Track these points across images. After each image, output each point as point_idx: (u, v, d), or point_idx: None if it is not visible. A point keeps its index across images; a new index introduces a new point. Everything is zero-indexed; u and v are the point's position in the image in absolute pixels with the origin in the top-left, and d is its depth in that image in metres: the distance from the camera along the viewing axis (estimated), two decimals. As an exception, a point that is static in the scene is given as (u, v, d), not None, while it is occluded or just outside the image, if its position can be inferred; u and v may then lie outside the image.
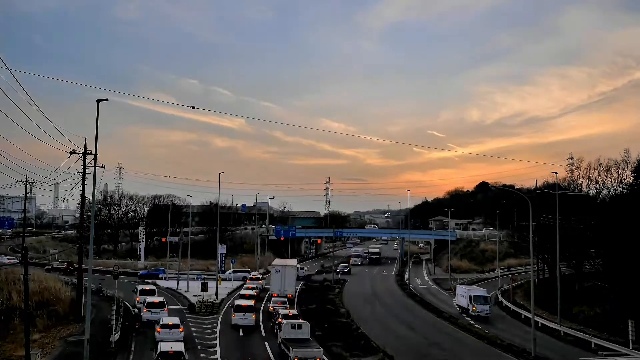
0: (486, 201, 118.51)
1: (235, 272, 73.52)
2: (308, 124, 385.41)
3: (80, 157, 40.07)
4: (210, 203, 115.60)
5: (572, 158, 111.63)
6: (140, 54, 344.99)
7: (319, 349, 30.34)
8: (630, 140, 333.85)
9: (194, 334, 37.75)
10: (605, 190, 57.92)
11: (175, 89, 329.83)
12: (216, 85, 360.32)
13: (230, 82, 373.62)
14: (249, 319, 40.05)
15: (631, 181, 55.71)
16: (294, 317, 37.11)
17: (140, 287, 49.52)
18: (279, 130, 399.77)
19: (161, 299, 43.37)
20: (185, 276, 62.94)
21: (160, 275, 71.85)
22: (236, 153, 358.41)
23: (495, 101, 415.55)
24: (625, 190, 56.43)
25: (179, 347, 28.15)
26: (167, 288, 61.04)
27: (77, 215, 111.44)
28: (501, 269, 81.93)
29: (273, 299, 49.84)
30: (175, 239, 75.25)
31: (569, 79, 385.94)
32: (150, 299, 43.05)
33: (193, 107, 34.62)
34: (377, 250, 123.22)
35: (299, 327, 32.62)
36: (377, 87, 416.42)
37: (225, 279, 67.59)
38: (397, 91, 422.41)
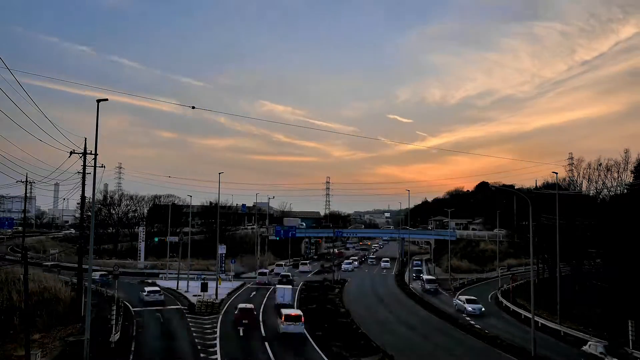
0: (486, 201, 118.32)
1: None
2: (248, 107, 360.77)
3: (80, 157, 40.06)
4: (210, 203, 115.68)
5: (572, 158, 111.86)
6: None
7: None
8: (628, 133, 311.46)
9: (194, 334, 37.73)
10: (605, 190, 57.97)
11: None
12: (117, 55, 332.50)
13: (138, 54, 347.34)
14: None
15: (631, 181, 55.72)
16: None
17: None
18: (223, 116, 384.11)
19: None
20: (185, 276, 62.98)
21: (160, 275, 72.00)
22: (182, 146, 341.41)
23: (456, 74, 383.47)
24: (625, 190, 56.44)
25: None
26: (167, 288, 61.02)
27: (77, 215, 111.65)
28: (501, 269, 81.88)
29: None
30: (175, 239, 75.33)
31: (539, 42, 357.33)
32: None
33: (193, 107, 34.36)
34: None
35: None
36: (316, 61, 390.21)
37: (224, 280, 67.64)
38: (340, 65, 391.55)
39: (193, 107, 35.26)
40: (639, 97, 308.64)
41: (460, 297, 56.76)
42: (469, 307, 51.75)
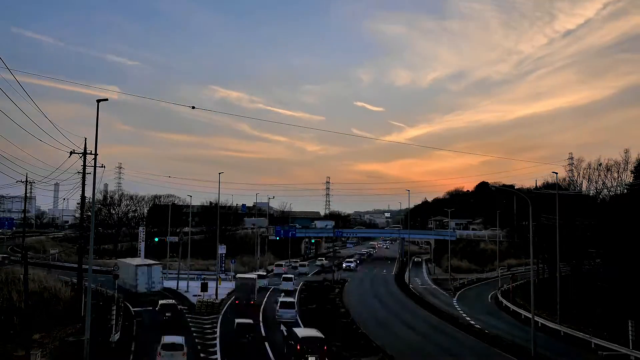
0: (486, 201, 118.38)
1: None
2: (196, 94, 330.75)
3: (80, 157, 40.09)
4: (210, 203, 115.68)
5: (572, 158, 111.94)
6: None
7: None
8: (622, 122, 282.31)
9: (194, 334, 37.74)
10: (605, 190, 57.97)
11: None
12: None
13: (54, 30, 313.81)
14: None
15: (631, 181, 55.71)
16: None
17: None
18: (184, 108, 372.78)
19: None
20: (185, 276, 62.97)
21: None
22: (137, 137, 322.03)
23: (420, 53, 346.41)
24: (625, 190, 56.43)
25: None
26: (167, 288, 61.01)
27: (77, 215, 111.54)
28: (501, 269, 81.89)
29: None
30: (175, 239, 75.30)
31: (511, 6, 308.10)
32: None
33: (193, 107, 34.35)
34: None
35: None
36: (257, 38, 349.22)
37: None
38: (285, 40, 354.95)
39: (193, 107, 35.24)
40: (633, 77, 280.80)
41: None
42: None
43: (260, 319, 44.35)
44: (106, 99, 30.26)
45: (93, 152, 34.64)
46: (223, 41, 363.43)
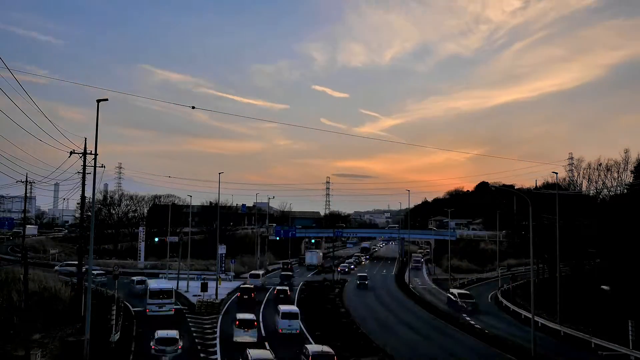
0: (486, 201, 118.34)
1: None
2: (128, 75, 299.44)
3: (80, 157, 40.05)
4: (210, 203, 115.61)
5: (572, 158, 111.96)
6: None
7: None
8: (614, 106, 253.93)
9: (194, 334, 37.73)
10: (605, 190, 57.98)
11: None
12: None
13: None
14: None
15: (631, 181, 55.73)
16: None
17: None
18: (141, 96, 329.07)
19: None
20: (185, 276, 62.93)
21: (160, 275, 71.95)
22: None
23: (370, 23, 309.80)
24: (625, 190, 56.44)
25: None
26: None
27: (77, 215, 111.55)
28: (501, 269, 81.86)
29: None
30: (175, 239, 75.25)
31: None
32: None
33: (193, 107, 34.26)
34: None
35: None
36: (198, 12, 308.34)
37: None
38: (218, 15, 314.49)
39: (193, 107, 35.13)
40: (623, 52, 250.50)
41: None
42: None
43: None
44: (106, 99, 30.20)
45: (93, 152, 34.65)
46: (156, 16, 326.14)
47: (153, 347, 29.46)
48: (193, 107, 34.46)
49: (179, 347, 29.69)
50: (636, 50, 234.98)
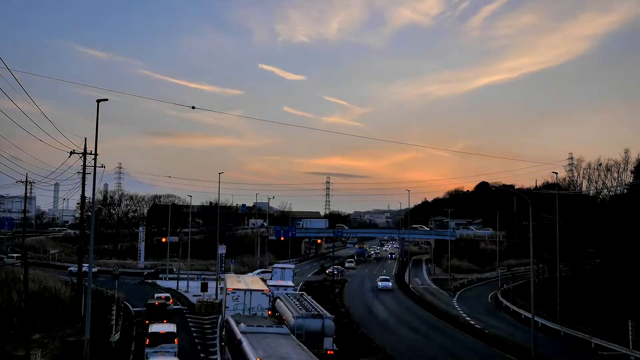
0: (486, 201, 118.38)
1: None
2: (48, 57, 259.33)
3: (80, 157, 40.06)
4: (210, 203, 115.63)
5: (572, 158, 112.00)
6: None
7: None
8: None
9: (194, 334, 37.74)
10: (605, 190, 57.99)
11: None
12: None
13: None
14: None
15: (631, 181, 55.75)
16: None
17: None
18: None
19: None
20: (185, 276, 62.95)
21: (160, 276, 72.03)
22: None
23: None
24: (625, 190, 56.46)
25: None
26: (167, 288, 61.01)
27: (77, 215, 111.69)
28: (501, 269, 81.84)
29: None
30: (175, 239, 75.28)
31: None
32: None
33: (193, 107, 34.25)
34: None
35: None
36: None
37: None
38: None
39: (193, 107, 35.12)
40: (613, 17, 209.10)
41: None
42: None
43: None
44: (106, 99, 30.26)
45: (93, 152, 34.67)
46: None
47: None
48: (193, 107, 34.44)
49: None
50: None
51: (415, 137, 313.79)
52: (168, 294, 50.05)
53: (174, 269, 72.55)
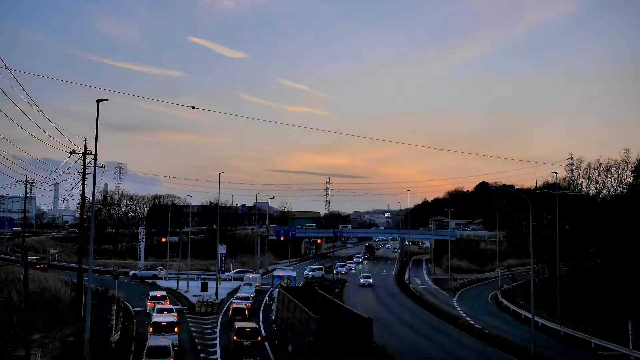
0: (486, 201, 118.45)
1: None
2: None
3: (80, 157, 40.08)
4: (210, 203, 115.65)
5: (572, 158, 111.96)
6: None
7: None
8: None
9: (194, 334, 37.72)
10: (605, 190, 57.96)
11: None
12: None
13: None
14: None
15: (631, 181, 55.73)
16: None
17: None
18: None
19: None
20: (185, 276, 62.92)
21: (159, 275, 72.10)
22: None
23: None
24: (625, 190, 56.44)
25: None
26: (167, 288, 60.96)
27: (77, 215, 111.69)
28: (501, 269, 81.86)
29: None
30: (175, 239, 75.24)
31: None
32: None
33: (193, 107, 34.17)
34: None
35: None
36: None
37: (225, 279, 67.68)
38: None
39: (193, 107, 35.01)
40: None
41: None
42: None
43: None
44: (106, 99, 30.18)
45: (93, 152, 34.64)
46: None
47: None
48: (193, 107, 34.33)
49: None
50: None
51: (398, 130, 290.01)
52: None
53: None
